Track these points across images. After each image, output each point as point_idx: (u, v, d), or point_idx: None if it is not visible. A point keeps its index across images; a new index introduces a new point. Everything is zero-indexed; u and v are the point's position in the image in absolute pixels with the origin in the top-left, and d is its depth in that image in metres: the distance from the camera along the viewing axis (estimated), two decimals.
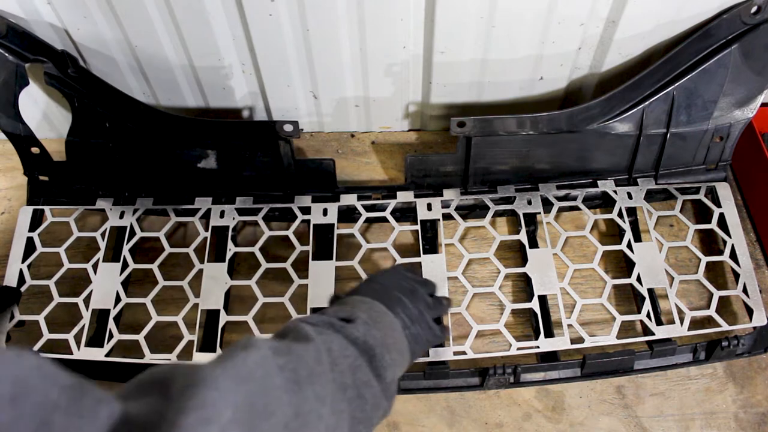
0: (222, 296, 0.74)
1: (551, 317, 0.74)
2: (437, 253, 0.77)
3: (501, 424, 0.71)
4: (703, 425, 0.71)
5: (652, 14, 0.72)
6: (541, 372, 0.71)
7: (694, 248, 0.77)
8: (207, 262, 0.77)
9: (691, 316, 0.72)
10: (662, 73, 0.75)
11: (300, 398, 0.36)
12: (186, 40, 0.75)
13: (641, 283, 0.74)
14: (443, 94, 0.84)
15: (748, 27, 0.71)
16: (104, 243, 0.78)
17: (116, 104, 0.77)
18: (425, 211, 0.80)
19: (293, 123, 0.75)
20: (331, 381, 0.40)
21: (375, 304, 0.52)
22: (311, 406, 0.37)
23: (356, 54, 0.77)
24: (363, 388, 0.43)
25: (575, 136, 0.78)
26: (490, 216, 0.80)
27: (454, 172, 0.81)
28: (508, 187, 0.81)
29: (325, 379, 0.40)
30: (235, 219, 0.80)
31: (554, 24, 0.72)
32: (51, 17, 0.73)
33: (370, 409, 0.43)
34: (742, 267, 0.75)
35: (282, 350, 0.39)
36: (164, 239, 0.78)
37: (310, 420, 0.36)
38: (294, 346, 0.40)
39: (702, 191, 0.81)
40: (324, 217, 0.79)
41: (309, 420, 0.36)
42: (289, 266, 0.76)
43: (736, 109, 0.77)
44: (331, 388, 0.40)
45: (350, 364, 0.44)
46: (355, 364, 0.44)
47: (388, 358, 0.47)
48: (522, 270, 0.76)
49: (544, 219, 0.79)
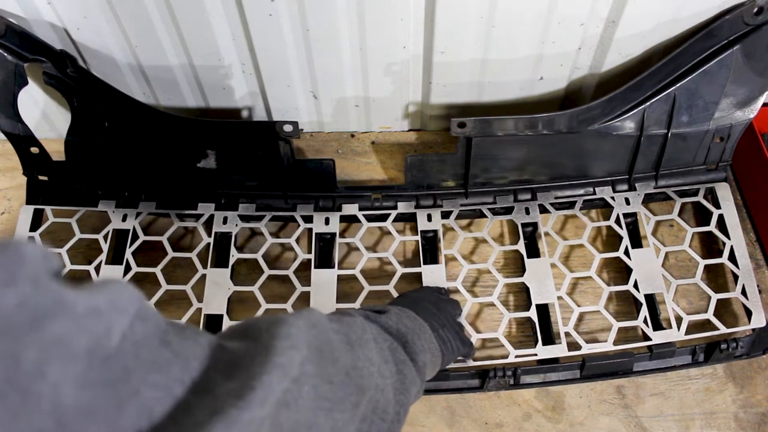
0: (225, 301, 0.75)
1: (551, 325, 0.74)
2: (437, 264, 0.78)
3: (501, 424, 0.71)
4: (703, 425, 0.71)
5: (652, 14, 0.72)
6: (541, 374, 0.72)
7: (692, 252, 0.77)
8: (210, 268, 0.77)
9: (689, 320, 0.72)
10: (663, 73, 0.74)
11: (354, 355, 0.40)
12: (186, 40, 0.75)
13: (638, 289, 0.75)
14: (443, 94, 0.84)
15: (751, 28, 0.71)
16: (107, 245, 0.78)
17: (115, 104, 0.76)
18: (425, 222, 0.80)
19: (293, 123, 0.75)
20: (376, 350, 0.44)
21: (405, 309, 0.56)
22: (363, 363, 0.41)
23: (356, 54, 0.77)
24: (401, 365, 0.47)
25: (576, 136, 0.77)
26: (488, 226, 0.80)
27: (454, 172, 0.81)
28: (507, 197, 0.82)
29: (371, 347, 0.43)
30: (238, 225, 0.80)
31: (554, 24, 0.72)
32: (51, 16, 0.73)
33: (409, 384, 0.46)
34: (741, 268, 0.75)
35: (333, 318, 0.43)
36: (167, 243, 0.78)
37: (364, 374, 0.40)
38: (342, 317, 0.45)
39: (701, 193, 0.81)
40: (326, 226, 0.80)
41: (363, 374, 0.40)
42: (291, 273, 0.76)
43: (737, 110, 0.77)
44: (376, 355, 0.43)
45: (388, 345, 0.47)
46: (392, 346, 0.48)
47: (419, 344, 0.51)
48: (520, 280, 0.76)
49: (542, 229, 0.79)
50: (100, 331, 0.25)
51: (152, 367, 0.27)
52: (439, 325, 0.60)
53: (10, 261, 0.23)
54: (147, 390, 0.26)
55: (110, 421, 0.24)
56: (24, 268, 0.23)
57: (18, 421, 0.22)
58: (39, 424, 0.22)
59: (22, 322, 0.23)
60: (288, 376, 0.31)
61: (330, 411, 0.35)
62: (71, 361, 0.23)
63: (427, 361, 0.51)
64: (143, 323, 0.27)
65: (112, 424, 0.24)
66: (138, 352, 0.27)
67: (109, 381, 0.25)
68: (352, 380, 0.38)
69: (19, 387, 0.22)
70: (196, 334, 0.31)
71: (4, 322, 0.22)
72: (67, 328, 0.24)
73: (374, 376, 0.41)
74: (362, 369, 0.40)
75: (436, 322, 0.59)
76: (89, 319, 0.25)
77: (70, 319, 0.24)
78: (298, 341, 0.34)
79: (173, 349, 0.28)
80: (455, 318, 0.66)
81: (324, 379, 0.35)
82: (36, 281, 0.24)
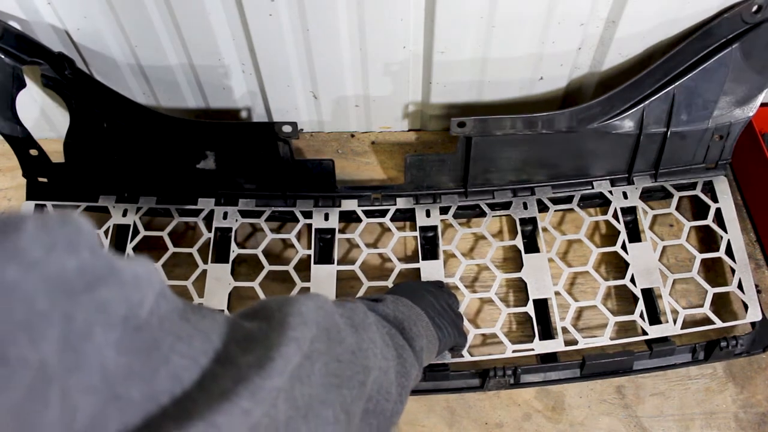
0: (226, 297, 0.75)
1: (549, 320, 0.74)
2: (436, 259, 0.78)
3: (501, 424, 0.71)
4: (703, 425, 0.71)
5: (652, 14, 0.72)
6: (541, 373, 0.72)
7: (689, 246, 0.77)
8: (211, 263, 0.77)
9: (685, 314, 0.72)
10: (663, 72, 0.74)
11: (358, 337, 0.41)
12: (186, 40, 0.75)
13: (635, 284, 0.75)
14: (443, 94, 0.84)
15: (749, 26, 0.71)
16: (107, 241, 0.78)
17: (114, 106, 0.77)
18: (424, 218, 0.80)
19: (292, 124, 0.75)
20: (378, 333, 0.45)
21: (401, 298, 0.56)
22: (367, 345, 0.42)
23: (356, 54, 0.77)
24: (400, 349, 0.48)
25: (575, 135, 0.78)
26: (487, 222, 0.80)
27: (454, 172, 0.81)
28: (505, 192, 0.82)
29: (373, 330, 0.44)
30: (238, 221, 0.80)
31: (554, 24, 0.72)
32: (51, 17, 0.73)
33: (409, 367, 0.48)
34: (737, 262, 0.75)
35: (337, 303, 0.44)
36: (168, 239, 0.79)
37: (369, 355, 0.41)
38: (344, 303, 0.46)
39: (699, 186, 0.81)
40: (326, 222, 0.80)
41: (368, 355, 0.41)
42: (291, 269, 0.77)
43: (736, 108, 0.77)
44: (379, 338, 0.44)
45: (387, 331, 0.49)
46: (391, 332, 0.49)
47: (416, 330, 0.52)
48: (518, 275, 0.76)
49: (540, 223, 0.79)
50: (136, 301, 0.27)
51: (177, 339, 0.28)
52: (435, 313, 0.61)
53: (71, 230, 0.25)
54: (175, 358, 0.28)
55: (148, 384, 0.26)
56: (83, 236, 0.25)
57: (72, 376, 0.23)
58: (89, 380, 0.24)
59: (80, 285, 0.24)
60: (301, 350, 0.33)
61: (339, 387, 0.36)
62: (111, 326, 0.25)
63: (424, 346, 0.53)
64: (165, 300, 0.29)
65: (149, 387, 0.26)
66: (163, 325, 0.28)
67: (142, 348, 0.26)
68: (358, 360, 0.39)
69: (73, 345, 0.23)
70: (213, 312, 0.33)
71: (65, 284, 0.24)
72: (114, 293, 0.26)
73: (378, 358, 0.42)
74: (367, 350, 0.41)
75: (432, 310, 0.61)
76: (131, 287, 0.27)
77: (118, 285, 0.26)
78: (308, 319, 0.35)
79: (193, 324, 0.30)
80: (452, 307, 0.67)
81: (333, 358, 0.37)
82: (93, 249, 0.25)
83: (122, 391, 0.25)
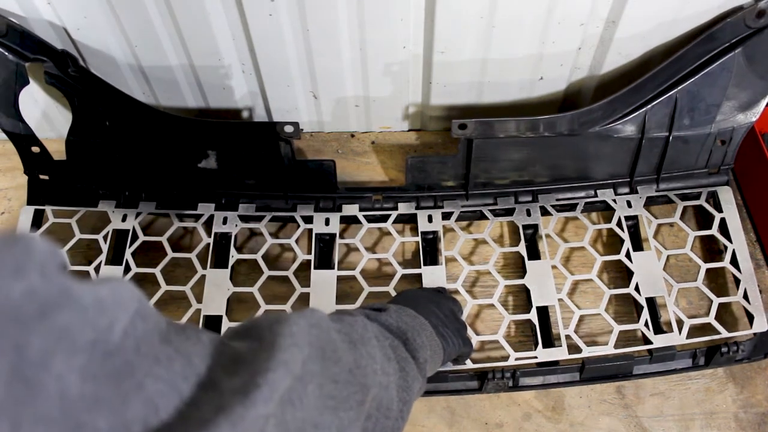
0: (224, 302, 0.75)
1: (551, 328, 0.74)
2: (437, 265, 0.77)
3: (501, 424, 0.72)
4: (703, 425, 0.71)
5: (652, 14, 0.71)
6: (540, 376, 0.72)
7: (694, 255, 0.77)
8: (210, 268, 0.77)
9: (690, 323, 0.72)
10: (665, 76, 0.74)
11: (356, 354, 0.40)
12: (186, 40, 0.75)
13: (639, 293, 0.74)
14: (443, 95, 0.84)
15: (752, 31, 0.71)
16: (106, 245, 0.78)
17: (117, 104, 0.76)
18: (426, 223, 0.80)
19: (294, 124, 0.75)
20: (378, 348, 0.44)
21: (405, 308, 0.55)
22: (366, 362, 0.40)
23: (356, 54, 0.77)
24: (403, 362, 0.47)
25: (577, 139, 0.77)
26: (489, 228, 0.80)
27: (455, 173, 0.81)
28: (508, 199, 0.82)
29: (373, 344, 0.43)
30: (237, 226, 0.80)
31: (554, 24, 0.72)
32: (51, 16, 0.73)
33: (411, 381, 0.46)
34: (743, 272, 0.75)
35: (334, 318, 0.43)
36: (167, 244, 0.78)
37: (367, 372, 0.40)
38: (343, 316, 0.45)
39: (703, 196, 0.81)
40: (326, 227, 0.80)
41: (367, 372, 0.40)
42: (291, 274, 0.76)
43: (739, 113, 0.77)
44: (379, 353, 0.43)
45: (390, 343, 0.47)
46: (393, 344, 0.48)
47: (420, 341, 0.50)
48: (521, 282, 0.76)
49: (543, 231, 0.79)
50: (104, 325, 0.25)
51: (154, 363, 0.27)
52: (439, 322, 0.60)
53: (18, 252, 0.23)
54: (150, 383, 0.26)
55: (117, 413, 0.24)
56: (32, 259, 0.24)
57: (23, 408, 0.22)
58: (44, 412, 0.22)
59: (29, 311, 0.23)
60: (291, 374, 0.31)
61: (335, 409, 0.35)
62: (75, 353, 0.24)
63: (428, 358, 0.51)
64: (143, 321, 0.27)
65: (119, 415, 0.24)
66: (139, 348, 0.26)
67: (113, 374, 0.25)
68: (355, 378, 0.38)
69: (24, 376, 0.22)
70: (198, 333, 0.32)
71: (11, 311, 0.22)
72: (74, 319, 0.24)
73: (377, 374, 0.41)
74: (365, 367, 0.40)
75: (436, 319, 0.60)
76: (94, 312, 0.25)
77: (77, 310, 0.24)
78: (300, 340, 0.34)
79: (174, 347, 0.28)
80: (456, 315, 0.66)
81: (328, 378, 0.35)
82: (44, 272, 0.24)
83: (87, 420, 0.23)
